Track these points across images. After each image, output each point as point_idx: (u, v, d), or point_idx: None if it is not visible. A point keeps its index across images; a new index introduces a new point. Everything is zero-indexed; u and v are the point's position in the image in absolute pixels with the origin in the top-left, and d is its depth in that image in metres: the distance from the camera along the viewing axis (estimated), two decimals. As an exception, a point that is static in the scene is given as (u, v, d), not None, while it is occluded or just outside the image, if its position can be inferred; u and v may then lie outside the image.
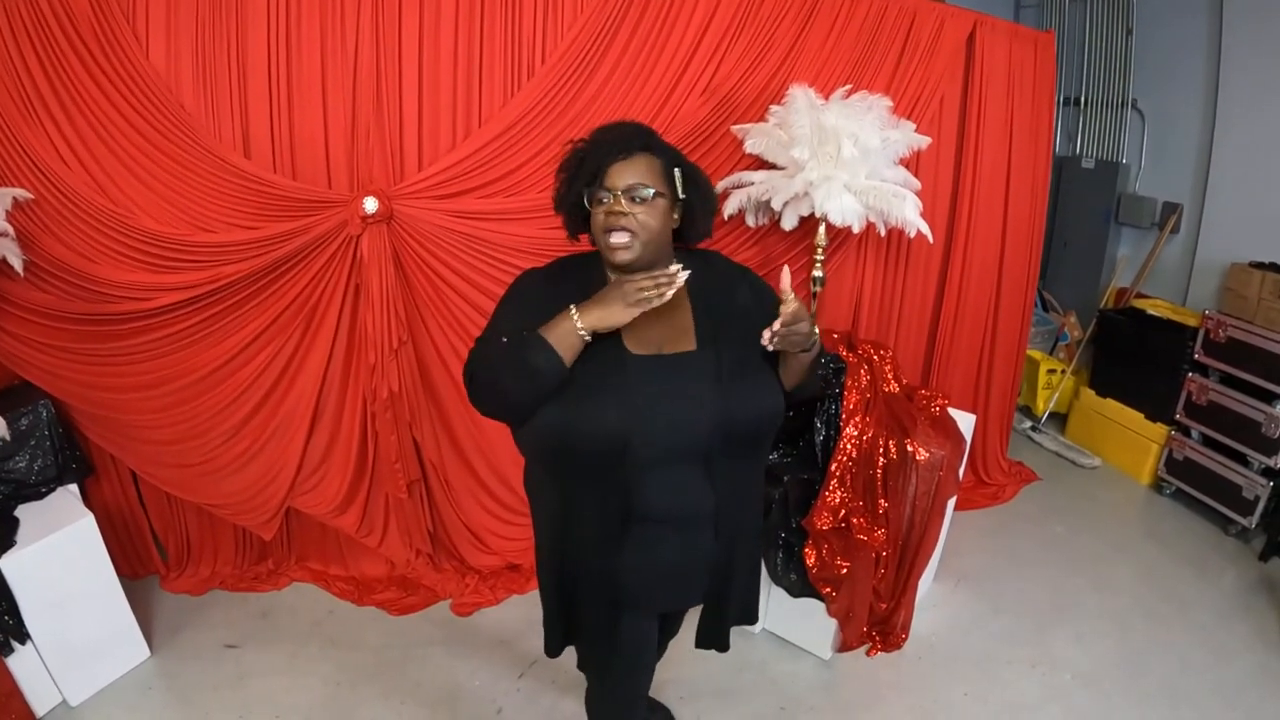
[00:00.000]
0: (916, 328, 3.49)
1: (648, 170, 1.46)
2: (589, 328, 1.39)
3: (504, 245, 2.57)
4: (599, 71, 2.56)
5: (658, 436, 1.44)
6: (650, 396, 1.45)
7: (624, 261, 1.45)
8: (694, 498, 1.52)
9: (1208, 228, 4.19)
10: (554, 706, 2.50)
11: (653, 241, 1.46)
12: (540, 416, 1.44)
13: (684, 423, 1.46)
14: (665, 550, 1.56)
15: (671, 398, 1.46)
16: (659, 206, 1.46)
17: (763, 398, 1.52)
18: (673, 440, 1.46)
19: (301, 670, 2.61)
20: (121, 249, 2.39)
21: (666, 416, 1.45)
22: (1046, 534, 3.54)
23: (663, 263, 1.50)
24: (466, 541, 2.98)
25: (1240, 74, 3.94)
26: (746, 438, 1.52)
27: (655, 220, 1.46)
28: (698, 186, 1.54)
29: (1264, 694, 2.61)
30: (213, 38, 2.33)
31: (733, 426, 1.47)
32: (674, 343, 1.51)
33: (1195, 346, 3.70)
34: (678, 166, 1.51)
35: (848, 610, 2.58)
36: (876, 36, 2.90)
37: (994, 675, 2.69)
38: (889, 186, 2.56)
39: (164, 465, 2.74)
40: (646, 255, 1.47)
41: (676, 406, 1.46)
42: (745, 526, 1.66)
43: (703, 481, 1.52)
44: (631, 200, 1.44)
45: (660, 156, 1.49)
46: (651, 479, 1.48)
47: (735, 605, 1.75)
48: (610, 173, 1.45)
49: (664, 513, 1.52)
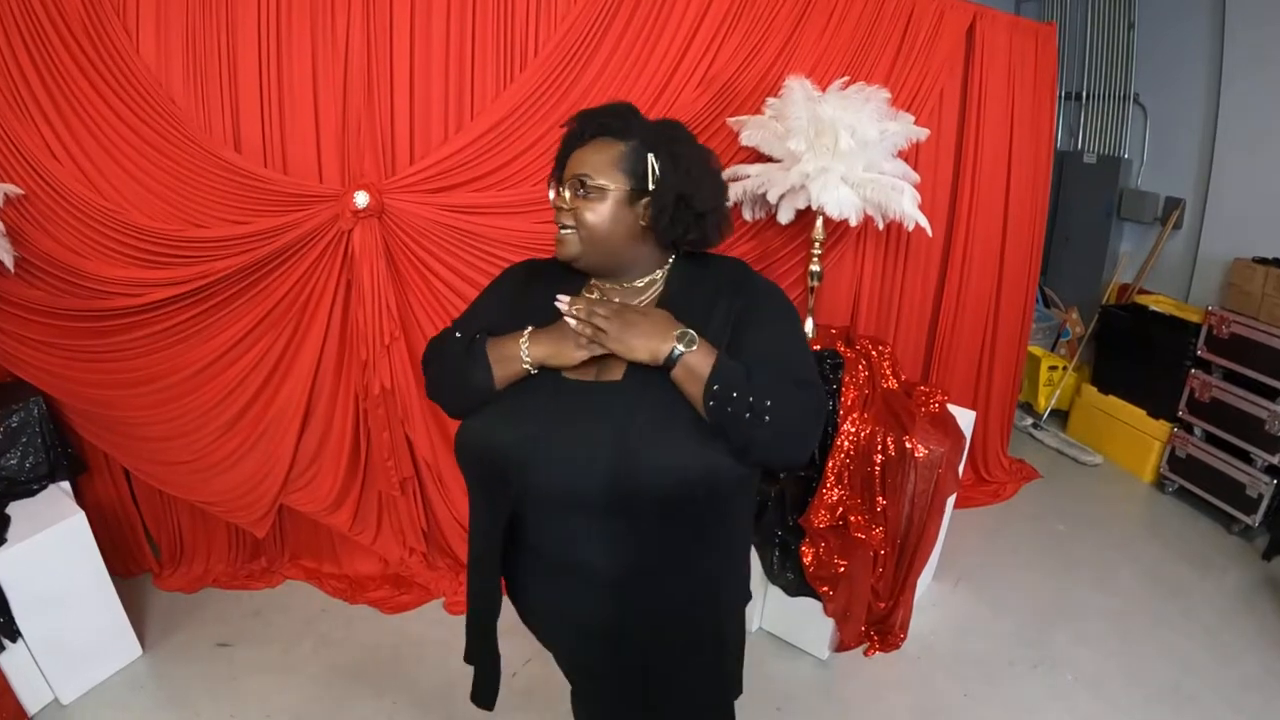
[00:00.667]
0: (916, 323, 3.46)
1: (601, 159, 1.27)
2: (535, 362, 1.27)
3: (497, 240, 2.54)
4: (593, 63, 2.54)
5: (549, 475, 1.22)
6: (555, 430, 1.23)
7: (564, 258, 1.30)
8: (585, 550, 1.26)
9: (1210, 223, 4.16)
10: (548, 706, 2.47)
11: (599, 239, 1.27)
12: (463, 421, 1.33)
13: (578, 465, 1.20)
14: (555, 597, 1.36)
15: (575, 436, 1.22)
16: (606, 201, 1.26)
17: (676, 453, 1.18)
18: (565, 482, 1.22)
19: (294, 669, 2.60)
20: (112, 244, 2.37)
21: (562, 455, 1.22)
22: (1048, 532, 3.52)
23: (636, 268, 1.34)
24: (460, 539, 2.96)
25: (1243, 68, 3.91)
26: (656, 498, 1.19)
27: (596, 217, 1.26)
28: (687, 177, 1.29)
29: (1268, 695, 2.58)
30: (203, 32, 2.31)
31: (630, 481, 1.18)
32: (610, 369, 1.27)
33: (1198, 343, 3.67)
34: (653, 151, 1.28)
35: (845, 609, 2.55)
36: (875, 28, 2.87)
37: (995, 675, 2.66)
38: (887, 179, 2.53)
39: (156, 462, 2.72)
40: (593, 257, 1.30)
41: (575, 447, 1.21)
42: (679, 608, 1.34)
43: (602, 537, 1.24)
44: (575, 194, 1.27)
45: (626, 140, 1.29)
46: (539, 518, 1.28)
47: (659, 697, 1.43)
48: (569, 162, 1.31)
49: (549, 556, 1.31)
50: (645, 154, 1.28)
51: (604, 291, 1.36)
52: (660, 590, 1.30)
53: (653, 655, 1.38)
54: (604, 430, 1.20)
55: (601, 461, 1.19)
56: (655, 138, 1.30)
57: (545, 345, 1.27)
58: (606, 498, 1.20)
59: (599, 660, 1.43)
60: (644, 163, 1.28)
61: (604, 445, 1.19)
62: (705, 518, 1.27)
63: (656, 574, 1.28)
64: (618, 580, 1.27)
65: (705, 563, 1.33)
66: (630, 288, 1.35)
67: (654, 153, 1.28)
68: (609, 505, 1.21)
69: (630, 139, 1.29)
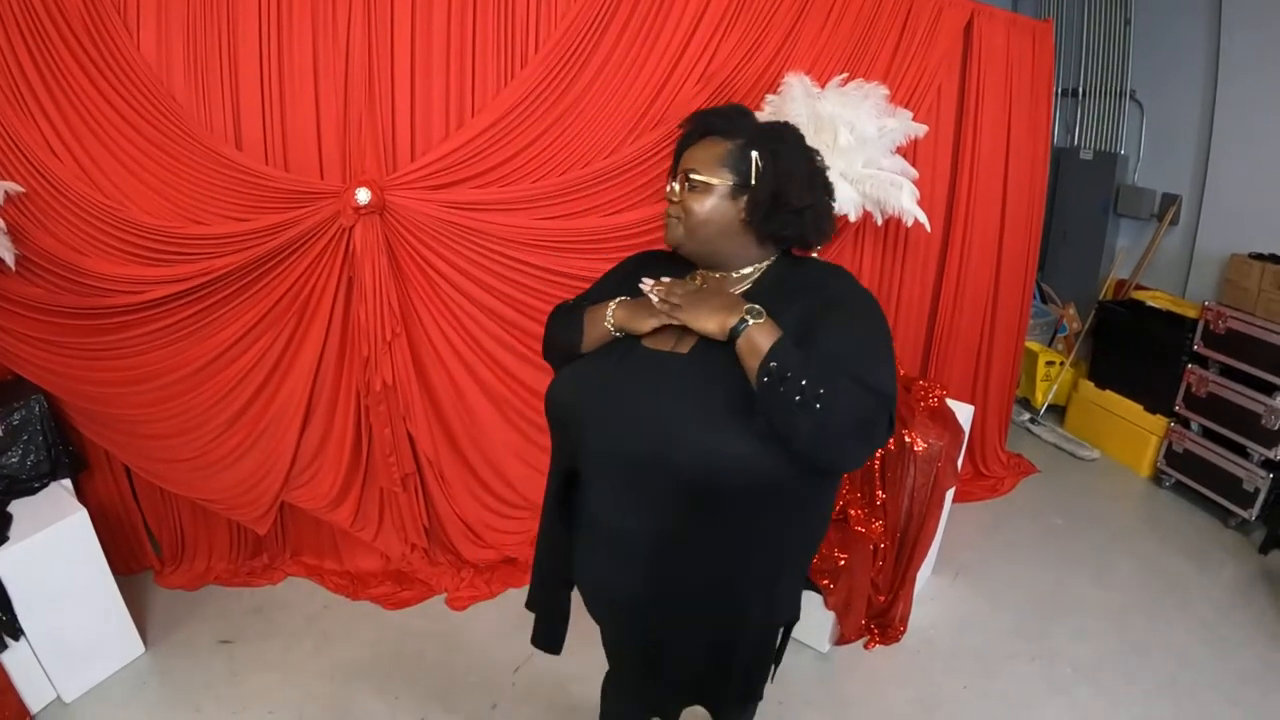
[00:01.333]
0: (915, 318, 3.48)
1: (708, 156, 1.35)
2: (616, 325, 1.37)
3: (498, 236, 2.55)
4: (593, 59, 2.54)
5: (603, 433, 1.31)
6: (617, 390, 1.32)
7: (669, 242, 1.40)
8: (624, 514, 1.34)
9: (1207, 219, 4.18)
10: (550, 701, 2.48)
11: (700, 231, 1.35)
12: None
13: (628, 426, 1.28)
14: (596, 558, 1.44)
15: (633, 398, 1.29)
16: (711, 195, 1.33)
17: (719, 435, 1.21)
18: (615, 442, 1.30)
19: (295, 665, 2.60)
20: (113, 242, 2.37)
21: (617, 415, 1.30)
22: (1046, 526, 3.54)
23: (736, 261, 1.39)
24: (462, 535, 2.97)
25: (1239, 64, 3.92)
26: (687, 476, 1.23)
27: (700, 208, 1.33)
28: (780, 174, 1.32)
29: (1266, 688, 2.60)
30: (204, 29, 2.31)
31: (667, 449, 1.23)
32: (685, 343, 1.33)
33: (1195, 338, 3.69)
34: (757, 150, 1.33)
35: (846, 603, 2.56)
36: (873, 25, 2.88)
37: (994, 668, 2.67)
38: (886, 175, 2.54)
39: (157, 460, 2.72)
40: (693, 244, 1.37)
41: (630, 408, 1.29)
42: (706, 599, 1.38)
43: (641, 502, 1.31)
44: (685, 187, 1.36)
45: (735, 139, 1.35)
46: (590, 475, 1.38)
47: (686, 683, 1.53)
48: (683, 157, 1.40)
49: (592, 515, 1.40)
50: (749, 153, 1.34)
51: (706, 280, 1.44)
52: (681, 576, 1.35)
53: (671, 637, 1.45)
54: (656, 396, 1.28)
55: (648, 425, 1.26)
56: (760, 138, 1.36)
57: (625, 311, 1.37)
58: (646, 461, 1.26)
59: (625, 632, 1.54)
60: (748, 161, 1.34)
61: (652, 410, 1.26)
62: (737, 511, 1.28)
63: (681, 554, 1.32)
64: (646, 549, 1.33)
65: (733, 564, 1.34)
66: (729, 278, 1.42)
67: (758, 151, 1.34)
68: (649, 471, 1.26)
69: (737, 138, 1.35)
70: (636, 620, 1.47)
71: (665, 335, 1.35)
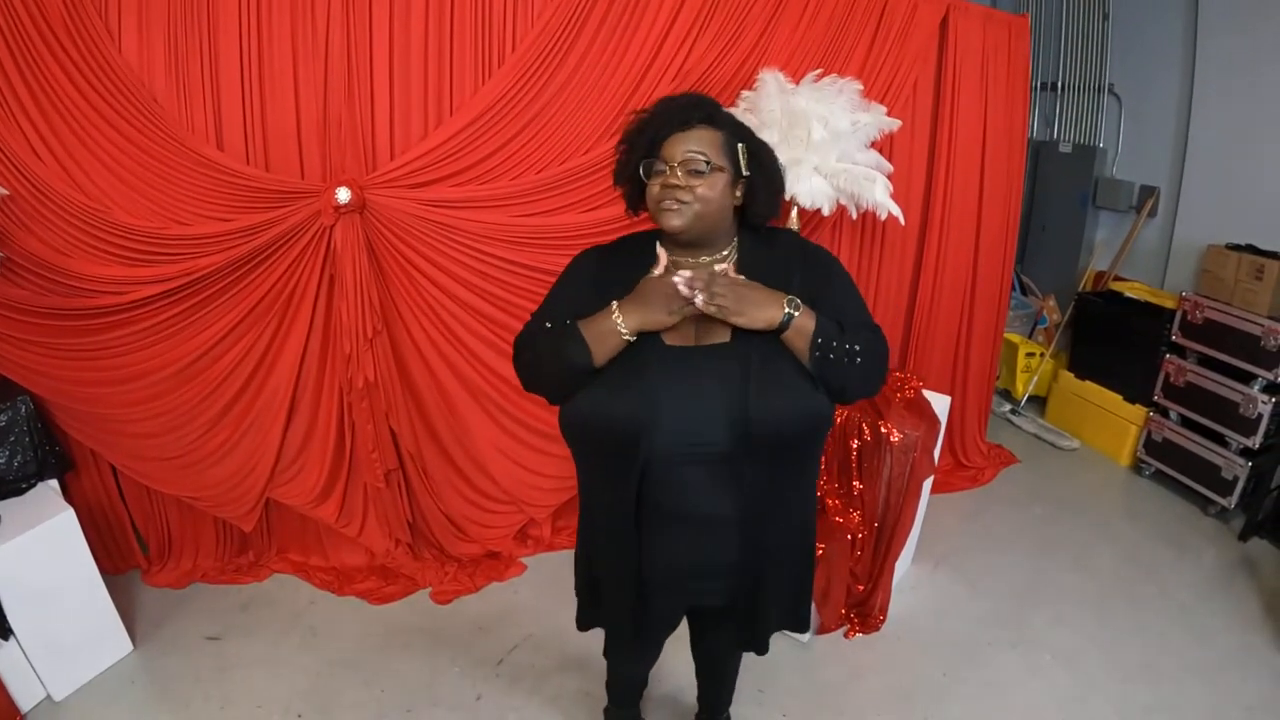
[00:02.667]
0: (893, 311, 3.50)
1: (712, 141, 1.41)
2: (632, 330, 1.39)
3: (477, 233, 2.57)
4: (570, 58, 2.56)
5: (673, 433, 1.38)
6: (670, 391, 1.39)
7: (674, 227, 1.40)
8: (711, 499, 1.44)
9: (1185, 210, 4.21)
10: (533, 693, 2.51)
11: (709, 215, 1.41)
12: (569, 401, 1.45)
13: (701, 420, 1.38)
14: (681, 548, 1.51)
15: (692, 394, 1.39)
16: (718, 180, 1.40)
17: (791, 399, 1.38)
18: (689, 438, 1.39)
19: (282, 660, 2.62)
20: (96, 243, 2.39)
21: (683, 413, 1.38)
22: (1026, 516, 3.57)
23: (720, 241, 1.48)
24: (445, 530, 3.00)
25: (1216, 57, 3.96)
26: (772, 442, 1.39)
27: (712, 192, 1.39)
28: (761, 163, 1.47)
29: (1244, 673, 2.63)
30: (185, 30, 2.33)
31: (752, 428, 1.36)
32: (710, 333, 1.43)
33: (1173, 328, 3.73)
34: (741, 141, 1.45)
35: (825, 592, 2.59)
36: (848, 21, 2.90)
37: (973, 656, 2.71)
38: (860, 169, 2.57)
39: (143, 459, 2.74)
40: (699, 228, 1.42)
41: (694, 404, 1.39)
42: (782, 537, 1.56)
43: (724, 483, 1.43)
44: (689, 173, 1.39)
45: (722, 129, 1.43)
46: (666, 475, 1.42)
47: (771, 611, 1.67)
48: (668, 144, 1.41)
49: (676, 511, 1.46)
50: (735, 143, 1.45)
51: (678, 264, 1.48)
52: (771, 524, 1.50)
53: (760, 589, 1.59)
54: (720, 387, 1.39)
55: (722, 415, 1.38)
56: (738, 129, 1.48)
57: (637, 313, 1.40)
58: (727, 448, 1.39)
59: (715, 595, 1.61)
60: (735, 150, 1.44)
61: (722, 400, 1.38)
62: (805, 457, 1.53)
63: (768, 511, 1.48)
64: (737, 521, 1.47)
65: (801, 496, 1.58)
66: (710, 259, 1.49)
67: (742, 142, 1.46)
68: (730, 455, 1.40)
69: (723, 129, 1.44)
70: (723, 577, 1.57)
71: (683, 328, 1.43)
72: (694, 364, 1.41)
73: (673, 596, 1.63)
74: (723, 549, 1.51)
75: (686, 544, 1.51)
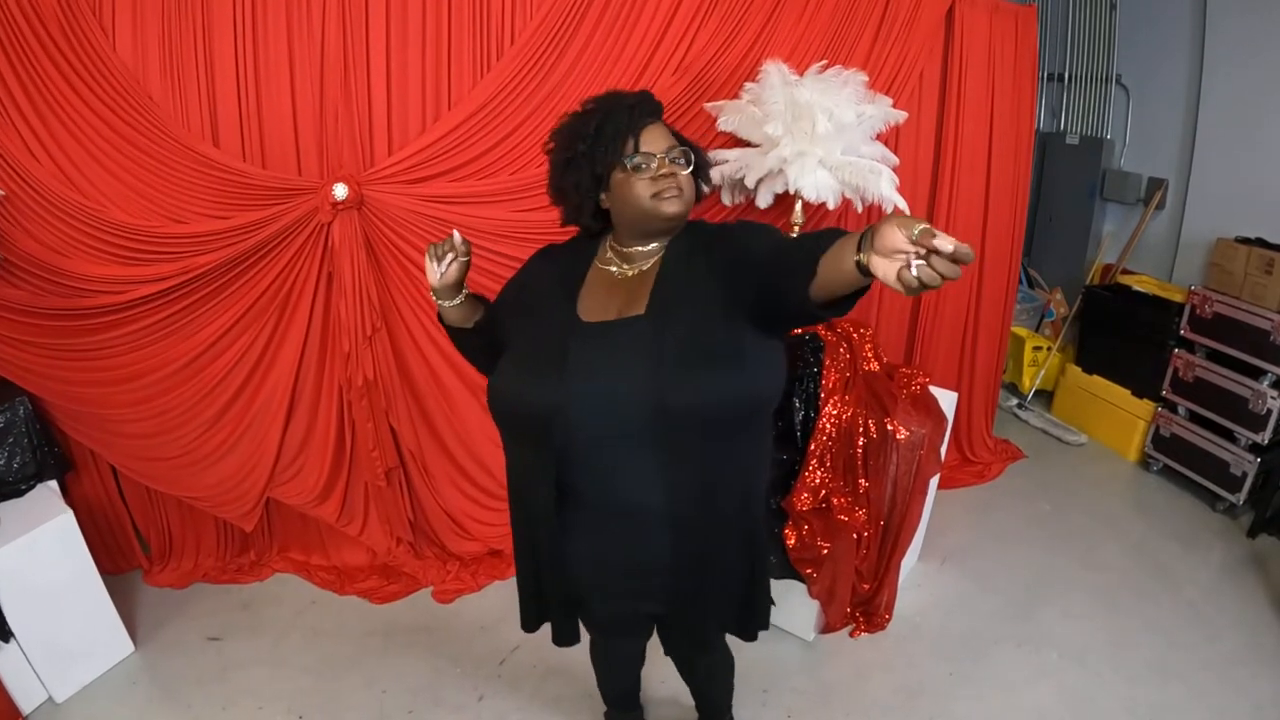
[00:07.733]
0: (899, 305, 3.46)
1: (670, 135, 1.43)
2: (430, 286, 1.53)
3: (476, 229, 2.54)
4: (569, 51, 2.53)
5: (588, 414, 1.32)
6: (586, 369, 1.33)
7: (677, 213, 1.40)
8: (638, 488, 1.36)
9: (1193, 203, 4.18)
10: (536, 692, 2.50)
11: (691, 203, 1.44)
12: (491, 380, 1.44)
13: (615, 399, 1.31)
14: (611, 545, 1.45)
15: (608, 373, 1.33)
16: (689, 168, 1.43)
17: (709, 382, 1.29)
18: (605, 419, 1.32)
19: (284, 660, 2.61)
20: (94, 243, 2.38)
21: (598, 393, 1.32)
22: (1033, 512, 3.54)
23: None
24: (447, 528, 2.98)
25: (1224, 48, 3.92)
26: (697, 424, 1.31)
27: (689, 181, 1.43)
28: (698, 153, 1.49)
29: (1253, 670, 2.60)
30: (179, 28, 2.31)
31: (670, 411, 1.29)
32: (628, 309, 1.39)
33: (1181, 322, 3.68)
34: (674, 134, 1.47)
35: (830, 591, 2.57)
36: (853, 11, 2.86)
37: (980, 654, 2.68)
38: (865, 162, 2.53)
39: (143, 459, 2.73)
40: (685, 214, 1.44)
41: (609, 381, 1.32)
42: (720, 535, 1.46)
43: (651, 471, 1.34)
44: (673, 162, 1.39)
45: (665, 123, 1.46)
46: (586, 459, 1.36)
47: (710, 620, 1.60)
48: (647, 137, 1.39)
49: (599, 500, 1.40)
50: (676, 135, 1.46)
51: (621, 255, 1.48)
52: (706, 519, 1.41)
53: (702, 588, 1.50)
54: (639, 363, 1.31)
55: (639, 391, 1.30)
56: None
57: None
58: (649, 430, 1.30)
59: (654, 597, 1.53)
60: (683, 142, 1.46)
61: (641, 377, 1.30)
62: (741, 441, 1.39)
63: (701, 503, 1.39)
64: (667, 515, 1.38)
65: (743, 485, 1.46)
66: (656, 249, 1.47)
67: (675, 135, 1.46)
68: (654, 438, 1.31)
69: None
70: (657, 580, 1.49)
71: (604, 304, 1.42)
72: (612, 339, 1.37)
73: (610, 600, 1.59)
74: (654, 548, 1.43)
75: (615, 540, 1.44)
